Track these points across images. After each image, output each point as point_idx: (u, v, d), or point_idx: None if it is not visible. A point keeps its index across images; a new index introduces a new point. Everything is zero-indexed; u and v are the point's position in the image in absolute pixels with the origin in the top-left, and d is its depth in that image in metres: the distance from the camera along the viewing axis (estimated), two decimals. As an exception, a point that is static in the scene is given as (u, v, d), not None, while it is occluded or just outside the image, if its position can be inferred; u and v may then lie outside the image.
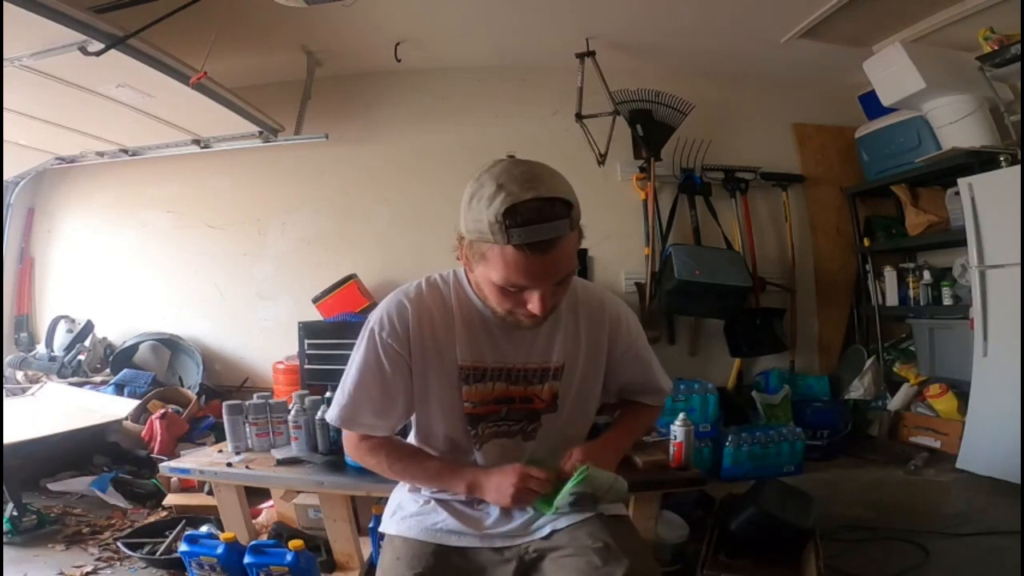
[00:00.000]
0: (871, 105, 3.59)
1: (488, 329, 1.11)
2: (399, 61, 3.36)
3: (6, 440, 2.35)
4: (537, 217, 0.88)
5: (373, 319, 1.12)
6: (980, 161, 2.88)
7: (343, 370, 1.15)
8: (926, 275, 3.42)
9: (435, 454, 1.19)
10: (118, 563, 2.11)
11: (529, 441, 1.16)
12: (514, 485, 1.06)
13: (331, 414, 1.15)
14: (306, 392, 2.00)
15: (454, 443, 1.16)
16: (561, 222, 0.91)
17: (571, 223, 0.93)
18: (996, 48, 2.84)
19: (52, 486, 2.73)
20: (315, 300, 3.47)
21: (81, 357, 3.67)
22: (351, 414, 1.13)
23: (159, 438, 2.89)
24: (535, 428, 1.16)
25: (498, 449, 1.15)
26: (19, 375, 3.58)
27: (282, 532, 2.06)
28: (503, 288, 0.98)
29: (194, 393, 3.39)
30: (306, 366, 3.17)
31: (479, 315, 1.10)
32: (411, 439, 1.23)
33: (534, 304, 0.97)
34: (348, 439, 1.20)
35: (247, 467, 1.79)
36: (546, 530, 1.11)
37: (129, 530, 2.33)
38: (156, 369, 3.69)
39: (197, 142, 3.46)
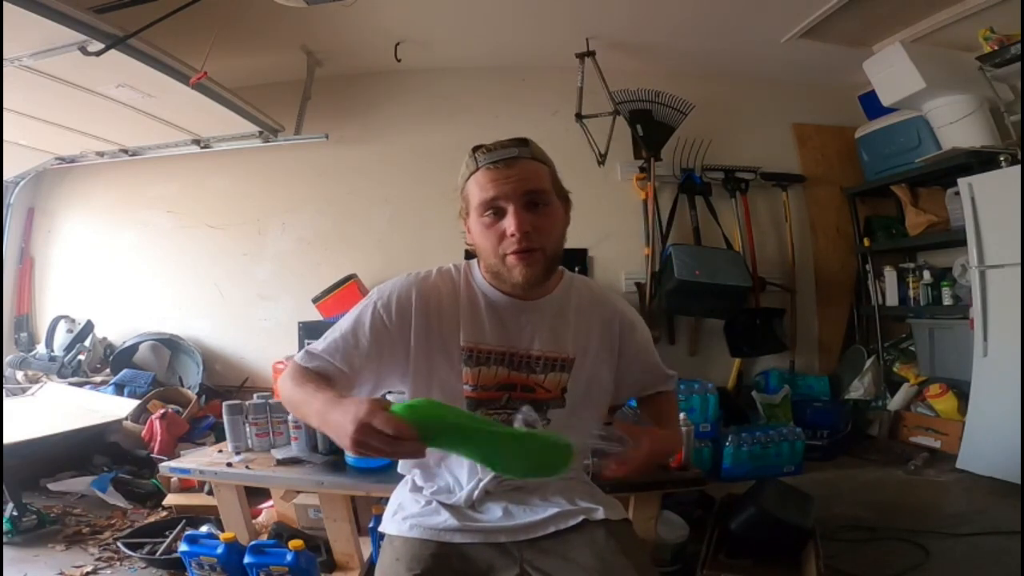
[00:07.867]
0: (871, 105, 3.59)
1: (494, 312, 1.13)
2: (399, 61, 3.36)
3: (6, 440, 2.35)
4: (498, 146, 1.08)
5: (378, 289, 1.15)
6: (980, 161, 2.88)
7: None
8: (926, 275, 3.43)
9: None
10: (118, 563, 2.11)
11: None
12: (351, 436, 0.87)
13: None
14: (306, 392, 2.00)
15: None
16: (520, 148, 1.08)
17: (531, 152, 1.09)
18: (996, 48, 2.84)
19: (52, 486, 2.73)
20: (315, 300, 3.46)
21: (81, 357, 3.67)
22: (312, 349, 1.11)
23: (159, 438, 2.88)
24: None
25: None
26: (19, 375, 3.58)
27: (282, 532, 2.06)
28: (486, 219, 1.07)
29: (194, 393, 3.38)
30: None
31: (485, 298, 1.14)
32: None
33: (511, 224, 1.05)
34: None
35: (247, 467, 1.79)
36: (549, 529, 1.11)
37: (129, 530, 2.33)
38: (156, 369, 3.69)
39: (197, 142, 3.46)
